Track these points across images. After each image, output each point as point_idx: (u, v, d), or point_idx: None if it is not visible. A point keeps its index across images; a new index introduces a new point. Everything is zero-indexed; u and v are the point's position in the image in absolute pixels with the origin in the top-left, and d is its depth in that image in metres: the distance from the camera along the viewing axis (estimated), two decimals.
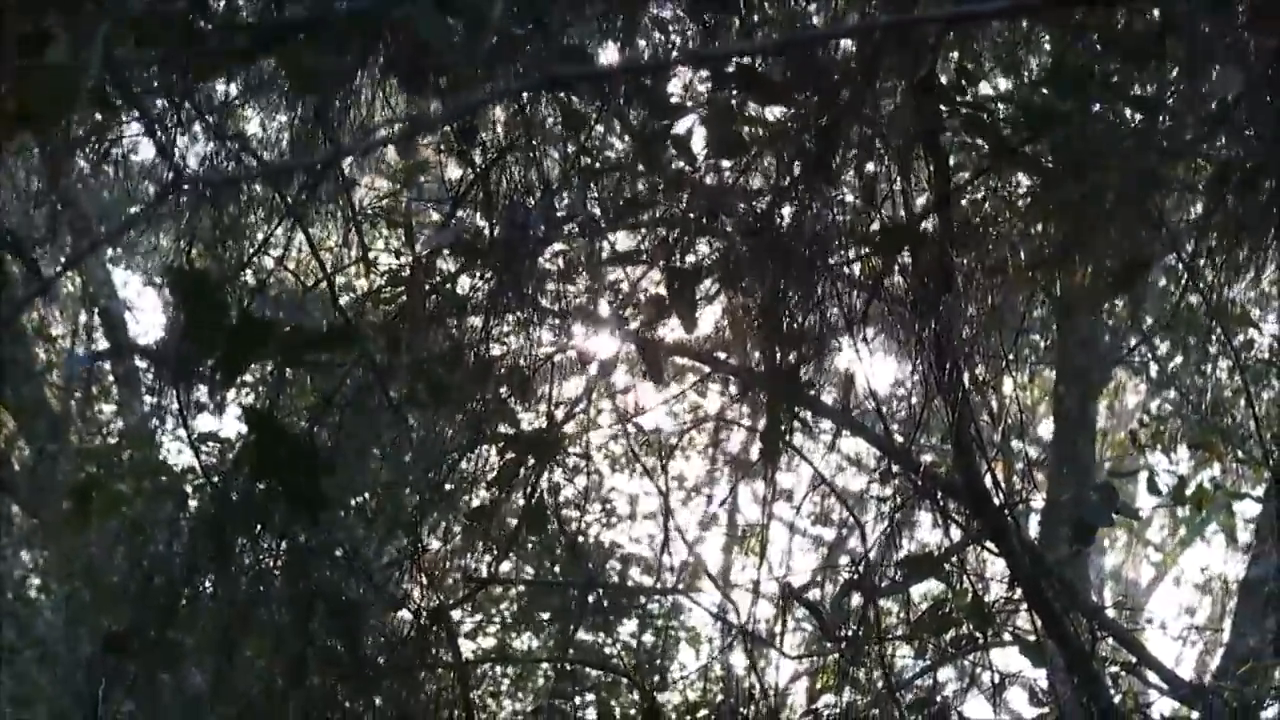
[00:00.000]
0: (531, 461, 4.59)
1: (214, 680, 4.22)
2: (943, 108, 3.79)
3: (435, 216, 5.02)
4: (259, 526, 4.11)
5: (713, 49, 3.86)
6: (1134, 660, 5.81)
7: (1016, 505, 4.78)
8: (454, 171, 4.51)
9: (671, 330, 4.59)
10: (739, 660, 5.58)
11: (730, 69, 3.61)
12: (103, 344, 9.78)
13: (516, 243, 3.80)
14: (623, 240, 4.47)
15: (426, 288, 4.11)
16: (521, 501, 4.80)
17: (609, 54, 3.87)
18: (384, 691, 4.46)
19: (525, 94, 3.68)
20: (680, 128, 3.82)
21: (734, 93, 3.75)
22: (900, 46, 3.64)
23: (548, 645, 8.35)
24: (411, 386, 4.04)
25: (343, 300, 4.35)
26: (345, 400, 4.14)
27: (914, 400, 4.38)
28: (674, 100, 3.81)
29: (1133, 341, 7.68)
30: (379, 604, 4.47)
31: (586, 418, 5.32)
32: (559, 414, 4.79)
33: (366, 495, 4.64)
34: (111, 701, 4.41)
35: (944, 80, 3.83)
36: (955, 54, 4.12)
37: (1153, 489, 6.16)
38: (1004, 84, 4.90)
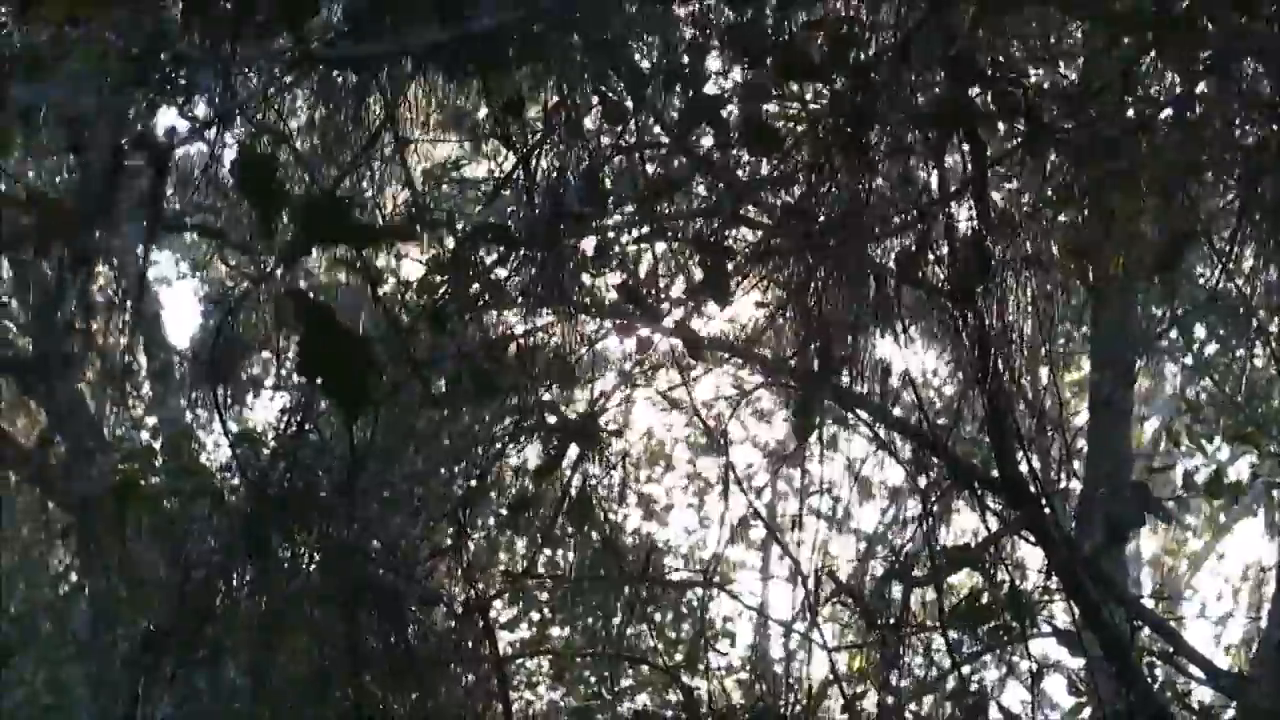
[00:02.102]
0: (575, 452, 4.57)
1: (254, 677, 4.24)
2: (976, 88, 3.74)
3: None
4: (295, 525, 4.13)
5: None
6: (1171, 649, 5.76)
7: (1053, 495, 4.75)
8: (482, 169, 4.51)
9: (708, 320, 4.58)
10: (777, 651, 5.58)
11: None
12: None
13: (556, 229, 3.79)
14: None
15: (468, 275, 4.10)
16: (560, 492, 4.80)
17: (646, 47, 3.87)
18: (423, 685, 4.46)
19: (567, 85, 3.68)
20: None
21: (769, 72, 3.70)
22: (933, 27, 3.60)
23: (586, 637, 8.36)
24: (454, 376, 4.03)
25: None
26: (384, 392, 4.13)
27: (951, 390, 4.37)
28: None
29: (1167, 328, 7.61)
30: (418, 598, 4.48)
31: (628, 405, 5.31)
32: (601, 402, 4.78)
33: (407, 487, 4.64)
34: (151, 699, 4.43)
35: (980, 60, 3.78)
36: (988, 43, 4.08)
37: (1189, 487, 6.11)
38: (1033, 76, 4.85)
